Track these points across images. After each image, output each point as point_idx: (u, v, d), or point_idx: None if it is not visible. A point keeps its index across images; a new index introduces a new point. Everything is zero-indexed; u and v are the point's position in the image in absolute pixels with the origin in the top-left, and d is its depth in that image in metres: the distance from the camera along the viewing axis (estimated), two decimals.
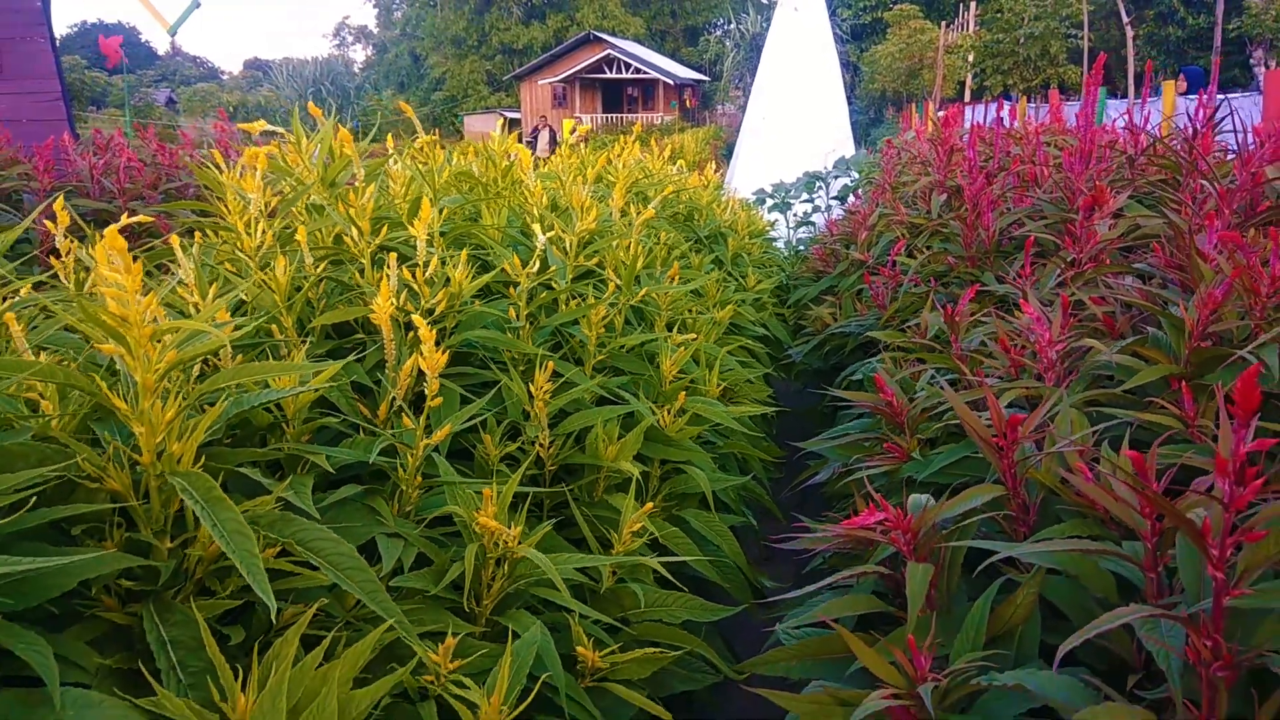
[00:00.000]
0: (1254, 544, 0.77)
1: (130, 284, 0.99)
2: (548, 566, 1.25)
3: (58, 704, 0.72)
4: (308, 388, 1.25)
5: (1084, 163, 2.32)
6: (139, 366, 1.00)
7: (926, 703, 0.97)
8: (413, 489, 1.36)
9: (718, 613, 1.58)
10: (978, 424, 1.22)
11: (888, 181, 4.53)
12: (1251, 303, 1.29)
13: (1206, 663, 0.80)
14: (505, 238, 2.16)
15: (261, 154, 1.72)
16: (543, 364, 1.59)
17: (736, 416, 2.03)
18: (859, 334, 3.06)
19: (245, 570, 0.89)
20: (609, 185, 2.73)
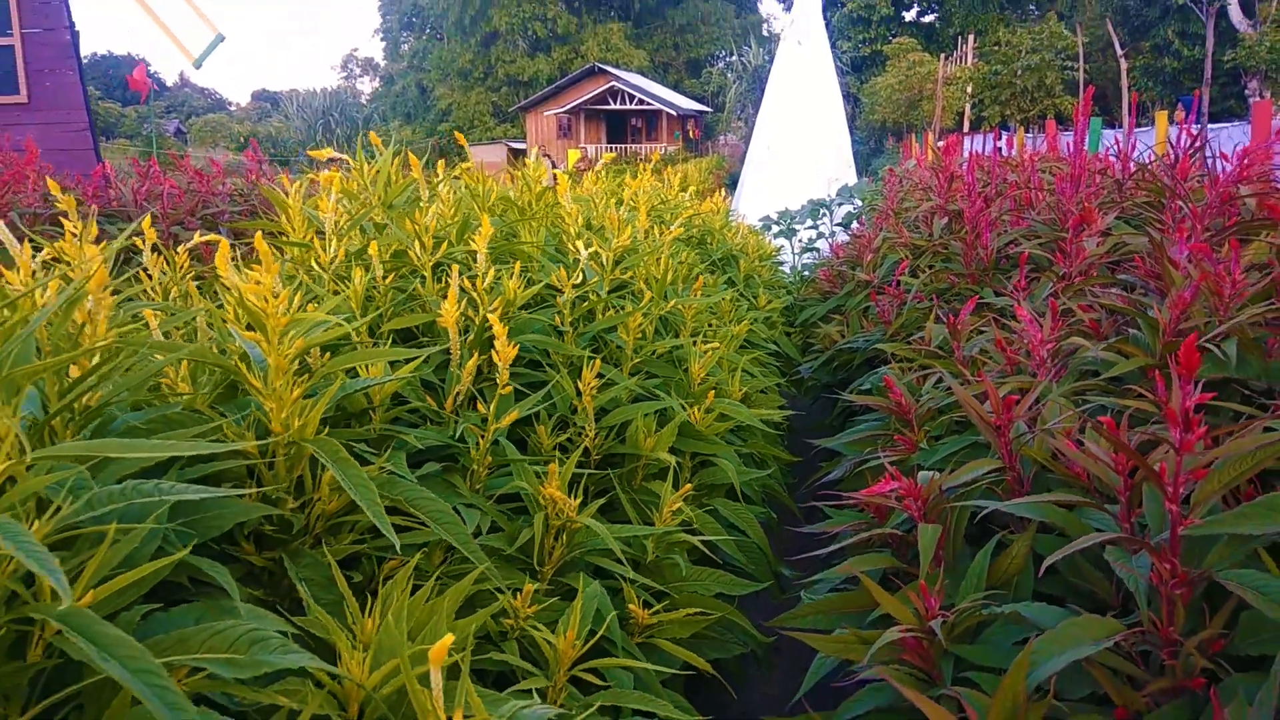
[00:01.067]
0: (1202, 481, 0.96)
1: (268, 282, 1.18)
2: (604, 533, 1.43)
3: (242, 612, 0.90)
4: (394, 377, 1.44)
5: (1074, 186, 2.52)
6: (273, 351, 1.20)
7: (938, 634, 1.16)
8: (482, 468, 1.55)
9: (746, 587, 1.76)
10: (978, 408, 1.41)
11: (891, 207, 4.73)
12: (1216, 303, 1.48)
13: (1166, 582, 0.98)
14: (543, 254, 2.36)
15: (337, 178, 1.92)
16: (589, 364, 1.78)
17: (757, 417, 2.21)
18: (866, 349, 3.25)
19: (371, 514, 1.07)
20: (632, 208, 2.93)
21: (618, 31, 41.87)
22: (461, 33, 41.54)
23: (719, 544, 1.86)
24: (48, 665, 0.77)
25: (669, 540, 1.70)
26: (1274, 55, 27.98)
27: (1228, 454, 0.95)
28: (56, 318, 1.06)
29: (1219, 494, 0.97)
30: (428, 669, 0.87)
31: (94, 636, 0.66)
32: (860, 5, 33.47)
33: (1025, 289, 2.20)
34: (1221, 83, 30.29)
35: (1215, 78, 30.24)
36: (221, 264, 1.38)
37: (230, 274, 1.37)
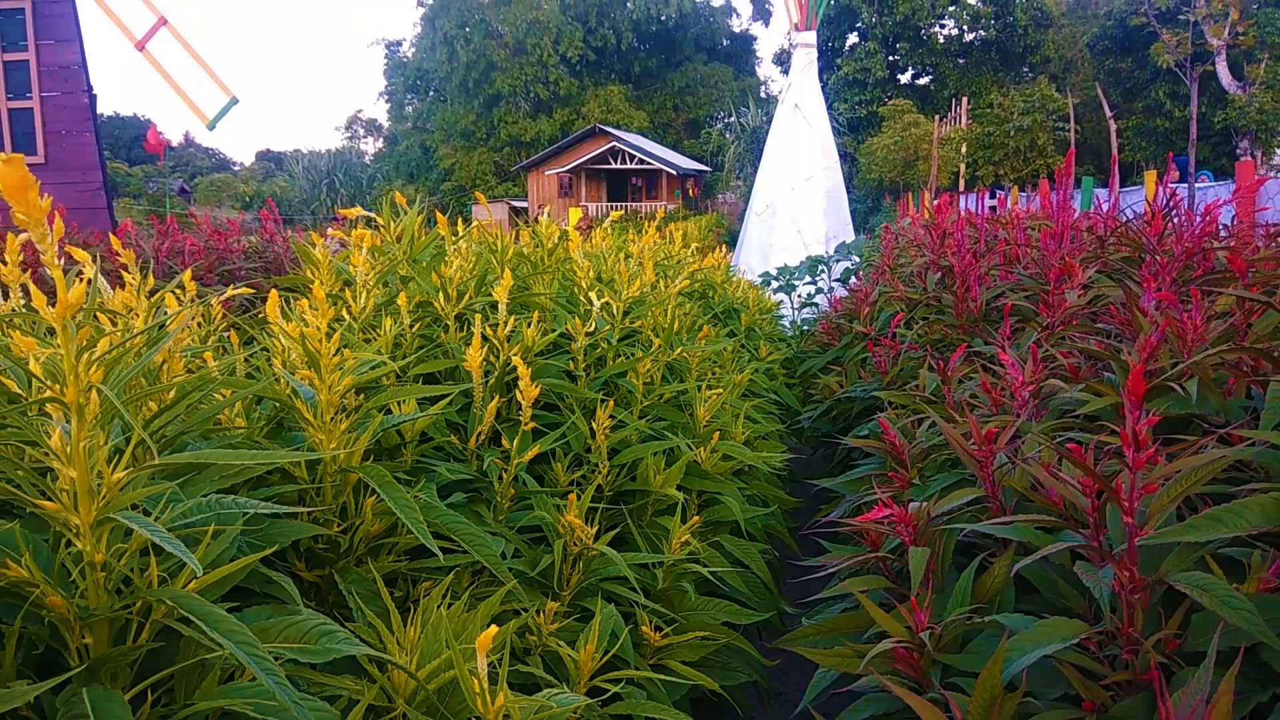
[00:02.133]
0: (1155, 496, 1.09)
1: (322, 324, 1.32)
2: (618, 560, 1.55)
3: (304, 613, 1.02)
4: (426, 414, 1.57)
5: (1057, 242, 2.68)
6: (323, 388, 1.33)
7: (926, 644, 1.27)
8: (505, 500, 1.67)
9: (750, 617, 1.87)
10: (963, 442, 1.54)
11: (887, 263, 4.90)
12: (1180, 346, 1.61)
13: (1126, 588, 1.10)
14: (556, 304, 2.50)
15: (368, 234, 2.07)
16: (603, 406, 1.91)
17: (759, 459, 2.33)
18: (864, 398, 3.38)
19: (417, 531, 1.19)
20: (639, 263, 3.09)
21: (618, 94, 42.74)
22: (465, 95, 42.41)
23: (724, 577, 1.97)
24: (146, 648, 0.88)
25: (678, 570, 1.82)
26: (1263, 116, 28.57)
27: (1174, 471, 1.08)
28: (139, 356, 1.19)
29: (1170, 507, 1.09)
30: (470, 664, 0.99)
31: (204, 615, 0.78)
32: (856, 68, 34.24)
33: (1010, 337, 2.34)
34: (1214, 142, 30.88)
35: (1208, 137, 30.84)
36: (272, 312, 1.52)
37: (280, 320, 1.51)
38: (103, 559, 0.83)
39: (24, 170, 0.78)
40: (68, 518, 0.82)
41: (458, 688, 1.12)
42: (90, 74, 9.21)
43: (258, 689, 0.85)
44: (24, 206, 0.78)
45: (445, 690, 1.09)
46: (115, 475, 0.84)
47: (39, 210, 0.79)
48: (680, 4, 42.67)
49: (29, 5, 9.06)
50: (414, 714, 1.02)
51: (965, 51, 36.04)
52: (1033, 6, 34.66)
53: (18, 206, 0.79)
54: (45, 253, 0.80)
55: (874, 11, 34.74)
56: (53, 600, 0.80)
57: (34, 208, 0.79)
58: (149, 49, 8.91)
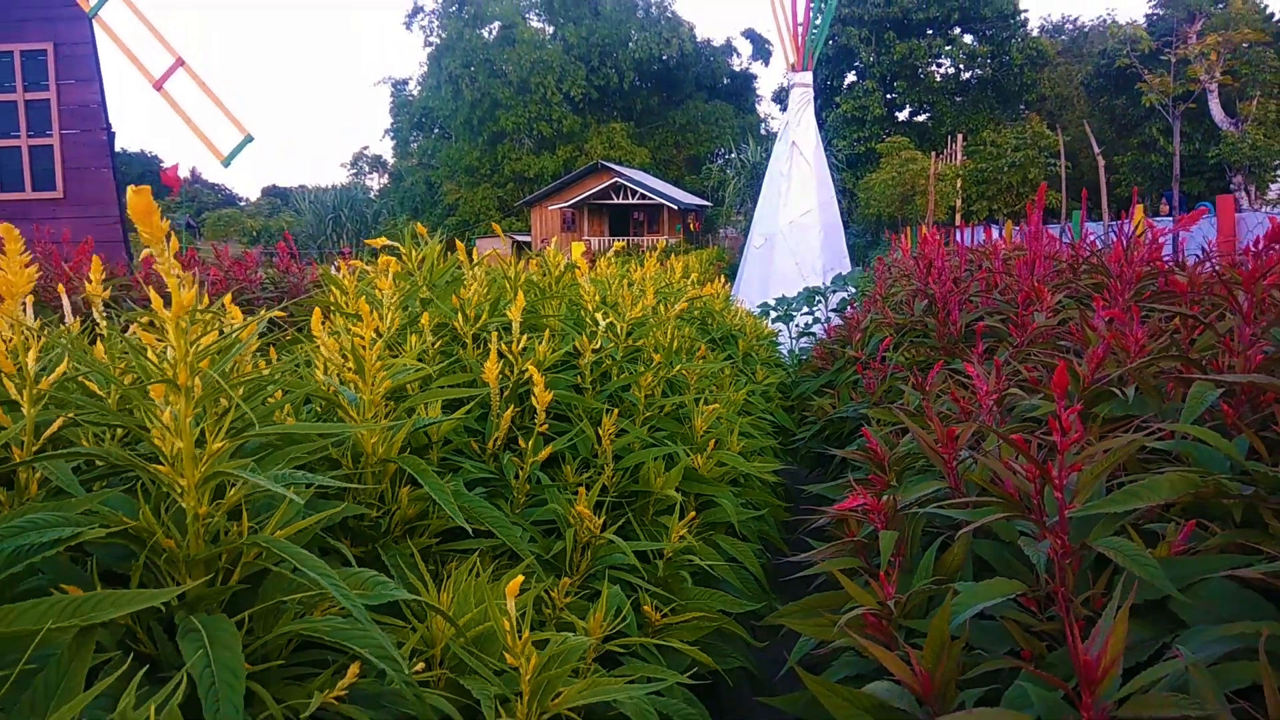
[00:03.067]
0: (1080, 474, 1.27)
1: (367, 334, 1.52)
2: (623, 546, 1.74)
3: (359, 568, 1.21)
4: (452, 418, 1.76)
5: (1029, 270, 2.88)
6: (367, 389, 1.52)
7: (893, 610, 1.45)
8: (521, 495, 1.86)
9: (743, 606, 2.05)
10: (929, 440, 1.73)
11: (879, 292, 5.12)
12: (1123, 357, 1.81)
13: (1059, 555, 1.28)
14: (563, 325, 2.70)
15: (393, 262, 2.28)
16: (609, 414, 2.11)
17: (752, 469, 2.52)
18: (854, 417, 3.57)
19: (449, 509, 1.38)
20: (640, 289, 3.29)
21: (620, 131, 43.33)
22: (470, 132, 43.00)
23: (719, 572, 2.15)
24: (234, 589, 1.07)
25: (676, 562, 2.00)
26: (1255, 152, 28.95)
27: (1096, 452, 1.27)
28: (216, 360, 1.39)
29: (1095, 485, 1.28)
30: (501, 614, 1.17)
31: (294, 555, 0.97)
32: (855, 106, 34.78)
33: (983, 356, 2.53)
34: (1208, 177, 31.29)
35: (1202, 172, 31.25)
36: (316, 326, 1.72)
37: (322, 332, 1.71)
38: (205, 511, 1.02)
39: (149, 199, 0.98)
40: (175, 479, 1.02)
41: (488, 641, 1.31)
42: (109, 113, 9.50)
43: (329, 621, 1.04)
44: (148, 228, 0.99)
45: (479, 640, 1.27)
46: (214, 445, 1.03)
47: (160, 231, 0.99)
48: (681, 44, 43.39)
49: (51, 46, 9.37)
50: (456, 646, 1.20)
51: (962, 90, 36.63)
52: (1028, 46, 35.28)
53: (143, 228, 0.99)
54: (163, 265, 1.00)
55: (872, 51, 35.37)
56: (166, 543, 0.99)
57: (156, 229, 0.99)
58: (166, 88, 9.22)
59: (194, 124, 9.23)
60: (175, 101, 9.16)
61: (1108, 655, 0.99)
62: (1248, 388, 1.54)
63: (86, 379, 1.29)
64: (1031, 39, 35.82)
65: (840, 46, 34.98)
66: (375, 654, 1.01)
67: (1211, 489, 1.25)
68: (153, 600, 0.82)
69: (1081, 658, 1.01)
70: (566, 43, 42.68)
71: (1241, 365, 1.63)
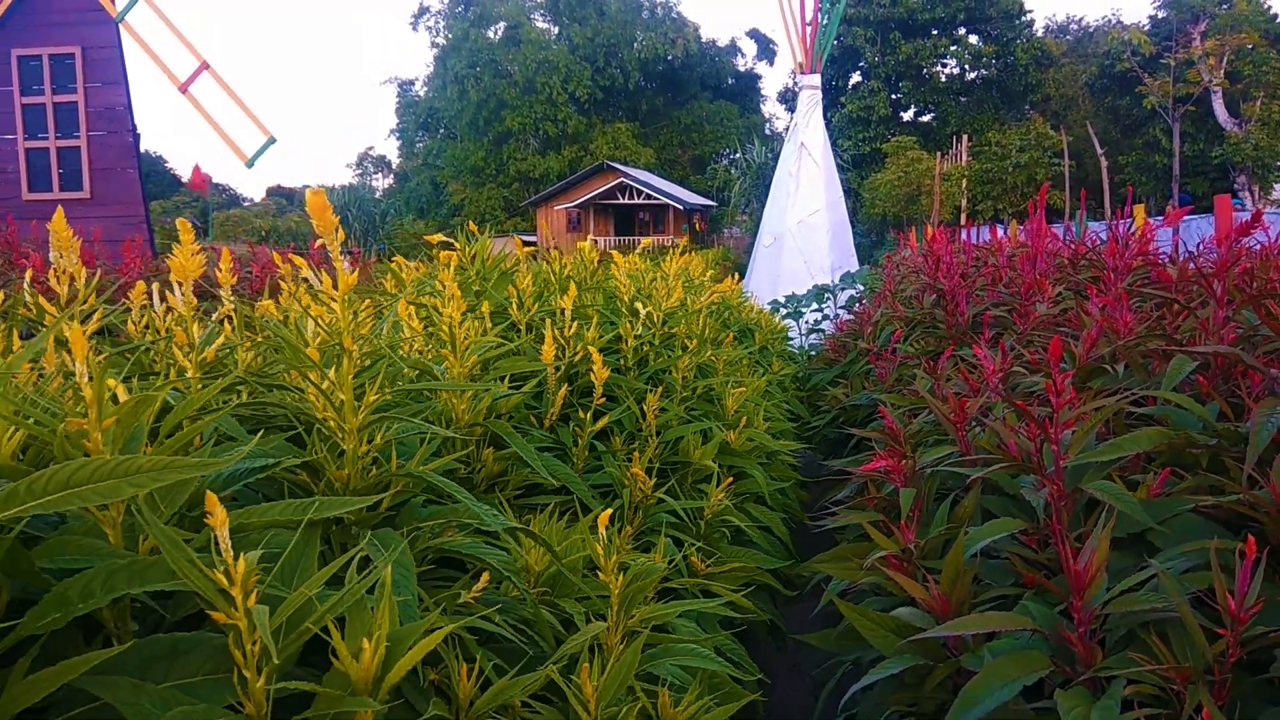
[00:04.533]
0: (1073, 430, 1.51)
1: (456, 315, 1.76)
2: (673, 504, 1.98)
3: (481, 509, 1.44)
4: (520, 392, 2.00)
5: (1031, 264, 3.12)
6: (456, 363, 1.76)
7: (913, 552, 1.69)
8: (580, 461, 2.09)
9: (773, 563, 2.29)
10: (942, 409, 1.96)
11: (888, 288, 5.35)
12: (1114, 338, 2.05)
13: (1055, 499, 1.52)
14: (600, 314, 2.94)
15: (454, 256, 2.52)
16: (652, 392, 2.35)
17: (778, 446, 2.76)
18: (868, 404, 3.80)
19: (533, 463, 1.62)
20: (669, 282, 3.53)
21: (626, 131, 43.58)
22: (475, 132, 43.28)
23: (750, 534, 2.39)
24: (384, 515, 1.31)
25: (714, 523, 2.24)
26: (1259, 152, 29.13)
27: (1086, 412, 1.51)
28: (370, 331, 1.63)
29: (1085, 440, 1.52)
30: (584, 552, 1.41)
31: (439, 483, 1.21)
32: (860, 106, 34.97)
33: (990, 342, 2.77)
34: (1211, 177, 31.47)
35: (1205, 172, 31.43)
36: (403, 310, 1.96)
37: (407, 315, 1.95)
38: (365, 450, 1.26)
39: (324, 198, 1.22)
40: (339, 424, 1.26)
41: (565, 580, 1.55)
42: (135, 115, 9.75)
43: (461, 541, 1.28)
44: (322, 222, 1.23)
45: (558, 576, 1.51)
46: (370, 397, 1.27)
47: (330, 224, 1.23)
48: (686, 45, 43.63)
49: (79, 50, 9.63)
50: (553, 570, 1.44)
51: (967, 90, 36.81)
52: (1033, 46, 35.45)
53: (318, 222, 1.23)
54: (334, 252, 1.24)
55: (877, 51, 35.56)
56: (339, 474, 1.23)
57: (328, 223, 1.23)
58: (191, 91, 9.47)
59: (218, 126, 9.49)
60: (200, 104, 9.42)
61: (1094, 565, 1.23)
62: (1220, 360, 1.77)
63: (239, 349, 1.53)
64: (1036, 39, 36.00)
65: (846, 47, 35.19)
66: (503, 566, 1.25)
67: (1183, 440, 1.49)
68: (354, 504, 1.06)
69: (1073, 569, 1.25)
70: (572, 43, 42.93)
71: (1216, 343, 1.87)
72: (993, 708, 1.19)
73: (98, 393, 0.87)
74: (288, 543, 1.02)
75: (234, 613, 0.82)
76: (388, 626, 0.89)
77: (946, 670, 1.44)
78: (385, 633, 0.89)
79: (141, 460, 0.78)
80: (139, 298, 1.92)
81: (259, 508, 1.00)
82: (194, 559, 0.82)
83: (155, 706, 0.82)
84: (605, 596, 1.52)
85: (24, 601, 0.88)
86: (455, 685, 1.10)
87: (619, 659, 1.27)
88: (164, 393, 1.01)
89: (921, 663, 1.46)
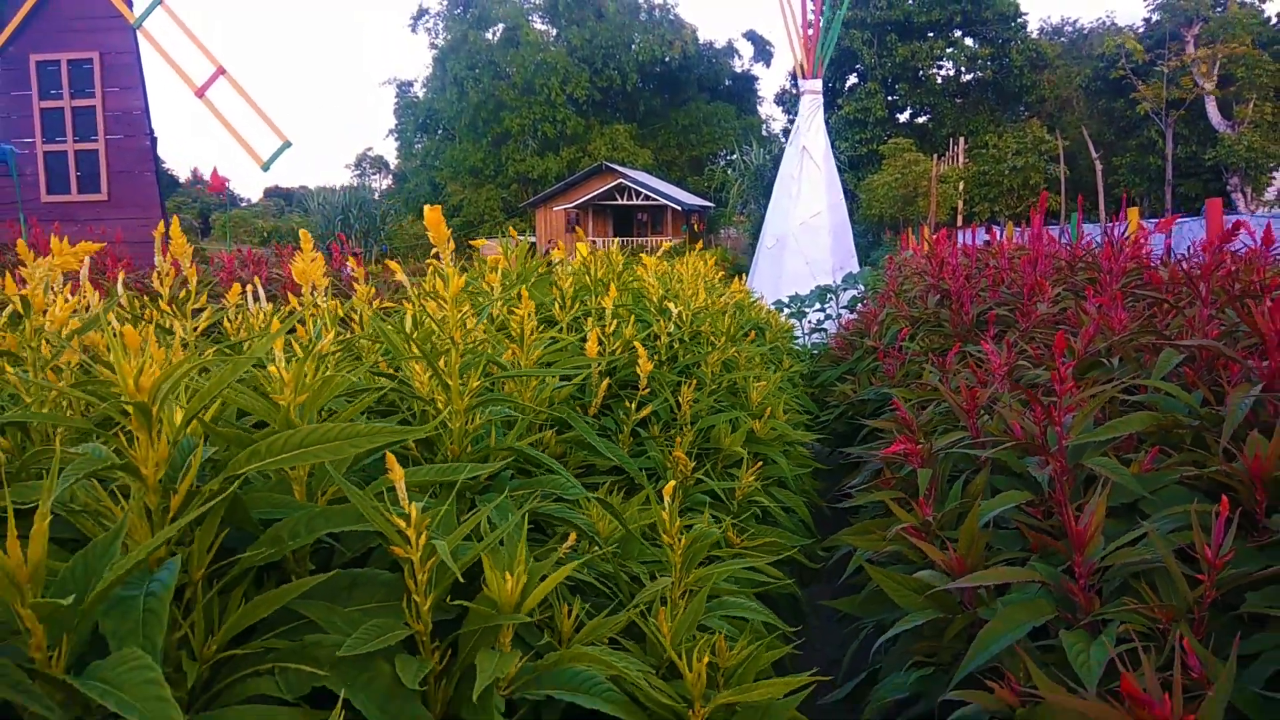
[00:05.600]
0: (1074, 414, 1.73)
1: (525, 314, 1.97)
2: (711, 484, 2.19)
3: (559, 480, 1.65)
4: (570, 383, 2.21)
5: (1032, 266, 3.34)
6: (524, 356, 1.98)
7: (931, 524, 1.91)
8: (625, 446, 2.31)
9: (797, 541, 2.50)
10: (955, 398, 2.18)
11: (892, 288, 5.58)
12: (1109, 334, 2.26)
13: (1059, 474, 1.74)
14: (630, 313, 3.16)
15: (501, 259, 2.73)
16: (687, 384, 2.56)
17: (798, 436, 2.98)
18: (875, 399, 4.02)
19: (595, 443, 1.83)
20: (694, 284, 3.75)
21: (624, 132, 43.82)
22: (474, 134, 43.49)
23: (776, 515, 2.61)
24: (484, 484, 1.52)
25: (745, 504, 2.45)
26: (1251, 154, 29.43)
27: (1085, 397, 1.72)
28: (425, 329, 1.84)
29: (1084, 421, 1.73)
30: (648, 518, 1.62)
31: (534, 454, 1.43)
32: (857, 108, 35.23)
33: (994, 339, 2.99)
34: (1205, 179, 31.79)
35: (1199, 174, 31.74)
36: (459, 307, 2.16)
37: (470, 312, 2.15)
38: (472, 428, 1.47)
39: (439, 214, 1.43)
40: (448, 405, 1.47)
41: (629, 543, 1.76)
42: (152, 119, 9.95)
43: (552, 506, 1.49)
44: (436, 233, 1.44)
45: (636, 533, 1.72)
46: (474, 383, 1.48)
47: (444, 235, 1.44)
48: (684, 46, 43.87)
49: (97, 55, 9.82)
50: (631, 531, 1.66)
51: (963, 92, 37.09)
52: (1028, 48, 35.74)
53: (433, 234, 1.44)
54: (445, 258, 1.45)
55: (874, 53, 35.81)
56: (452, 448, 1.44)
57: (441, 234, 1.44)
58: (208, 96, 9.67)
59: (235, 130, 9.69)
60: (216, 108, 9.62)
61: (1093, 525, 1.45)
62: (1204, 353, 1.99)
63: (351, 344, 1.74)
64: (1031, 41, 36.28)
65: (843, 49, 35.39)
66: (586, 527, 1.46)
67: (1170, 422, 1.71)
68: (484, 470, 1.28)
69: (1074, 530, 1.47)
70: (570, 45, 43.16)
71: (1201, 338, 2.08)
72: (1006, 646, 1.40)
73: (296, 375, 1.08)
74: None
75: (409, 548, 1.03)
76: (523, 563, 1.11)
77: (963, 622, 1.66)
78: (523, 569, 1.10)
79: (350, 427, 0.99)
80: (234, 298, 2.14)
81: (412, 470, 1.21)
82: (378, 506, 1.03)
83: (345, 623, 1.04)
84: (660, 563, 1.74)
85: (223, 549, 1.10)
86: (558, 622, 1.32)
87: (687, 606, 1.48)
88: (338, 376, 1.23)
89: (941, 616, 1.68)
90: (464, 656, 1.09)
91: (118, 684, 0.69)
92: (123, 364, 0.93)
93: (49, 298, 1.40)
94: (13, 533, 0.75)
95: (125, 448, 0.95)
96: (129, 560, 0.81)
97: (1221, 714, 1.02)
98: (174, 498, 0.96)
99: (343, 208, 36.96)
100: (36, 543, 0.75)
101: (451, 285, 1.45)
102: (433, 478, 1.21)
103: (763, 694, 1.27)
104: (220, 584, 1.02)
